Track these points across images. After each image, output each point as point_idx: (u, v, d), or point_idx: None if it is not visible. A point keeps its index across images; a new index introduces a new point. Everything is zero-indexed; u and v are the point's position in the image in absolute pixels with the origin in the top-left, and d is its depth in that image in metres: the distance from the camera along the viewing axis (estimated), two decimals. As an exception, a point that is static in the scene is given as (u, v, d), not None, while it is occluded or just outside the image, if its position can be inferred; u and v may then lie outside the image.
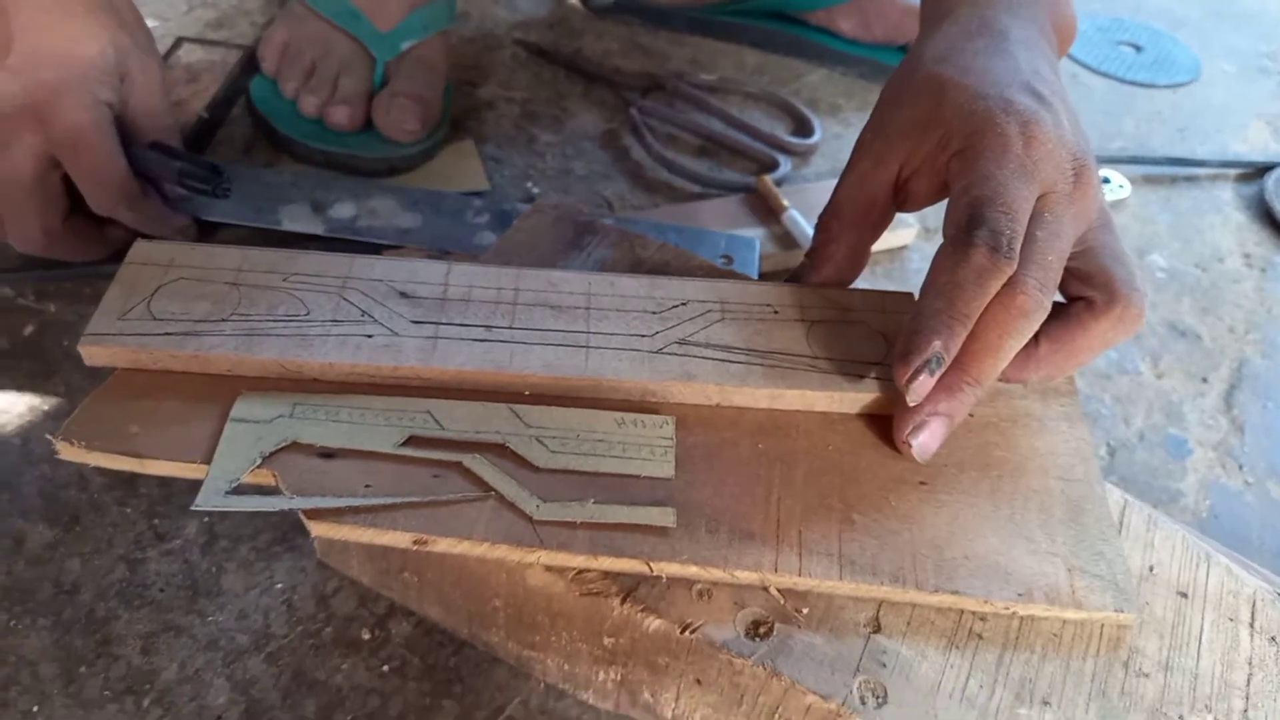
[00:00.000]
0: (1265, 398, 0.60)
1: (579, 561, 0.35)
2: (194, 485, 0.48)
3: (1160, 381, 0.60)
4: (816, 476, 0.38)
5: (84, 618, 0.43)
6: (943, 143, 0.39)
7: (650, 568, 0.35)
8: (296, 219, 0.59)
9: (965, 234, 0.36)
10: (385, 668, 0.42)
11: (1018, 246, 0.36)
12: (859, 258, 0.44)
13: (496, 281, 0.43)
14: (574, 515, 0.35)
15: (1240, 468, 0.55)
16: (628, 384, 0.39)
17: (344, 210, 0.61)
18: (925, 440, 0.38)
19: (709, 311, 0.42)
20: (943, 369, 0.36)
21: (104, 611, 0.43)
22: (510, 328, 0.41)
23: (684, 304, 0.42)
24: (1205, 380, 0.61)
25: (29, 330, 0.55)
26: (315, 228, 0.59)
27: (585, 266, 0.47)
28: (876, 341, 0.42)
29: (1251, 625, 0.37)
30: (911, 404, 0.37)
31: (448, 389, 0.39)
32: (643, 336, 0.41)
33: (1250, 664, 0.36)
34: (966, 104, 0.39)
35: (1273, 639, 0.36)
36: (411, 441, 0.37)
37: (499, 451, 0.37)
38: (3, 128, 0.49)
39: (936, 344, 0.36)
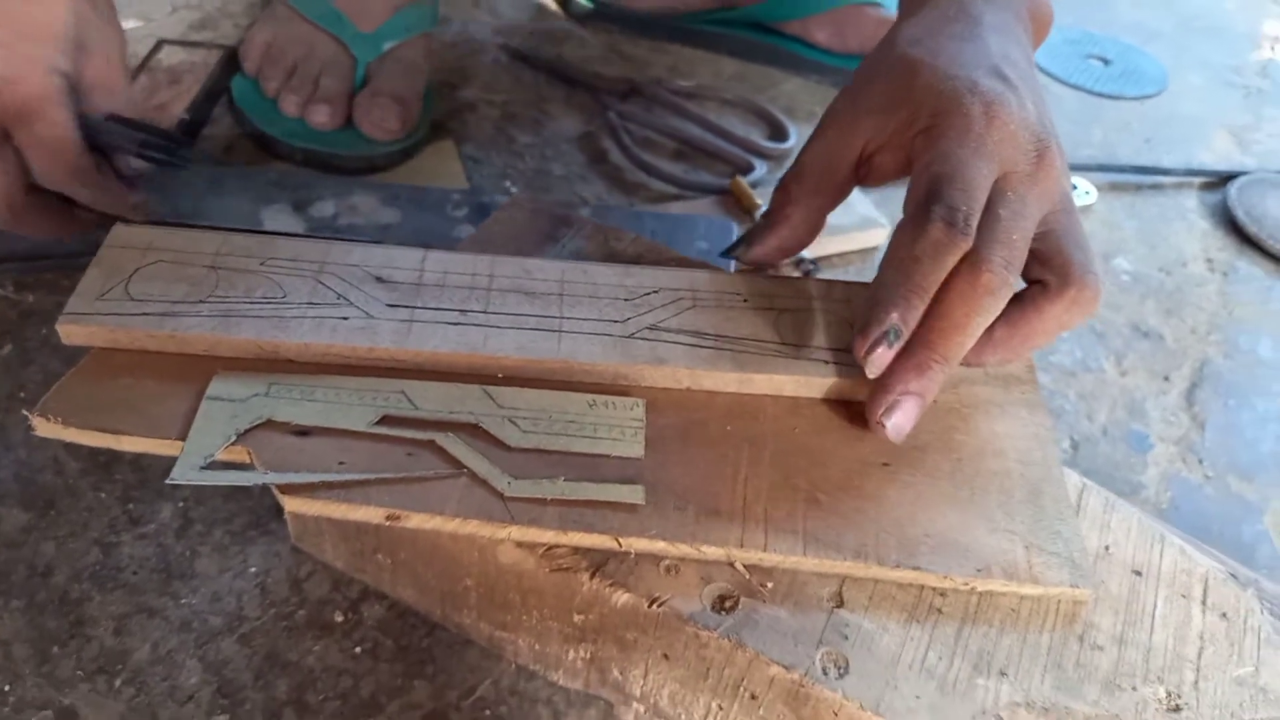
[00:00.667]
0: (1226, 396, 0.61)
1: (549, 537, 0.36)
2: (169, 470, 0.48)
3: (1124, 379, 0.62)
4: (783, 458, 0.39)
5: (57, 600, 0.43)
6: (909, 120, 0.40)
7: (619, 543, 0.36)
8: (277, 219, 0.60)
9: (923, 210, 0.37)
10: (358, 649, 0.43)
11: (974, 223, 0.37)
12: (815, 224, 0.45)
13: (472, 268, 0.43)
14: (545, 492, 0.36)
15: (1200, 462, 0.57)
16: (600, 367, 0.40)
17: (324, 209, 0.61)
18: (899, 420, 0.38)
19: (680, 299, 0.43)
20: (901, 341, 0.37)
21: (77, 593, 0.43)
22: (485, 312, 0.41)
23: (656, 291, 0.43)
24: (1167, 379, 0.62)
25: (7, 319, 0.55)
26: (296, 227, 0.60)
27: (560, 258, 0.48)
28: (843, 330, 0.43)
29: (1204, 603, 0.38)
30: (871, 376, 0.38)
31: (422, 371, 0.40)
32: (615, 322, 0.42)
33: (1202, 638, 0.37)
34: (934, 84, 0.40)
35: (1224, 615, 0.37)
36: (385, 420, 0.38)
37: (472, 431, 0.38)
38: None
39: (894, 316, 0.37)
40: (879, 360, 0.37)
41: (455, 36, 0.84)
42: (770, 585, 0.36)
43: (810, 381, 0.41)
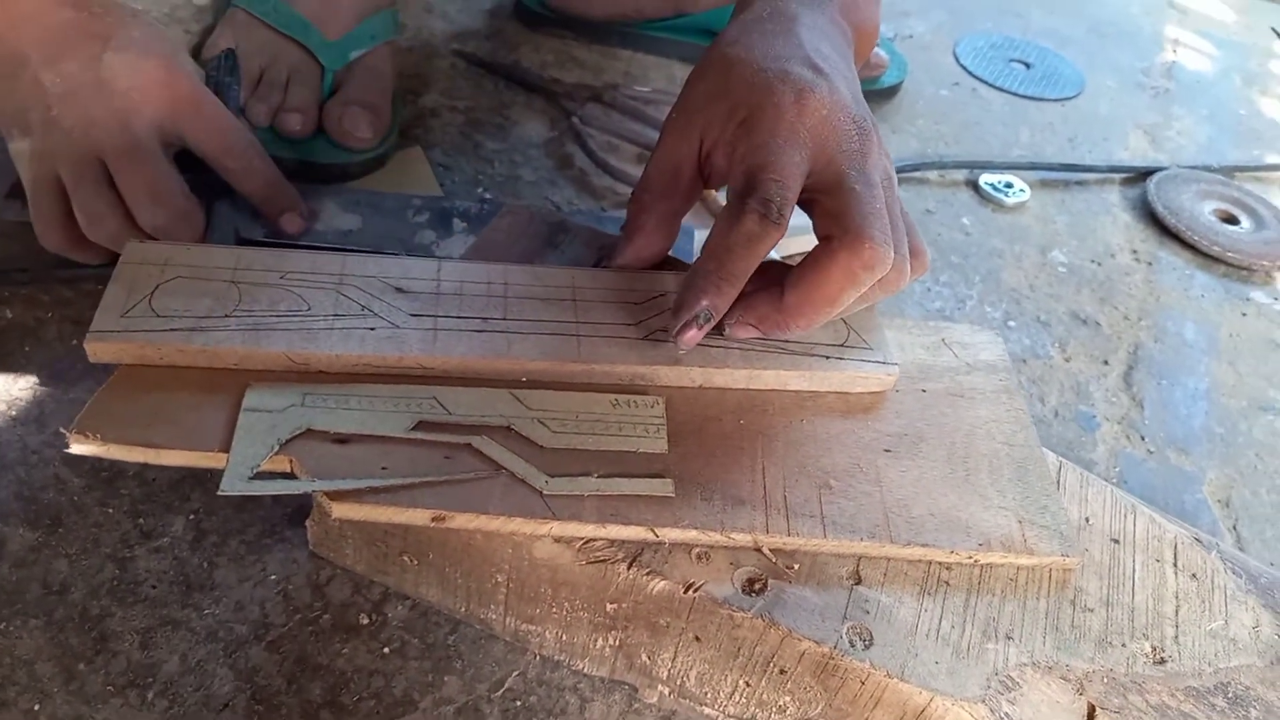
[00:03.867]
0: (1159, 376, 0.67)
1: (589, 531, 0.38)
2: (176, 483, 0.49)
3: (1068, 364, 0.66)
4: (794, 447, 0.42)
5: (77, 616, 0.43)
6: (729, 114, 0.43)
7: (655, 533, 0.38)
8: (238, 225, 0.59)
9: (739, 200, 0.40)
10: (386, 649, 0.44)
11: (788, 213, 0.40)
12: (669, 228, 0.47)
13: (486, 276, 0.45)
14: (581, 488, 0.38)
15: (1143, 438, 0.62)
16: (619, 369, 0.42)
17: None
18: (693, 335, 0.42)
19: (686, 301, 0.45)
20: (711, 324, 0.41)
21: (97, 609, 0.43)
22: (504, 319, 0.43)
23: (663, 295, 0.45)
24: (1106, 362, 0.67)
25: (-14, 337, 0.54)
26: (254, 233, 0.59)
27: (561, 263, 0.50)
28: (839, 328, 0.46)
29: (1175, 565, 0.42)
30: (681, 352, 0.42)
31: (450, 377, 0.41)
32: (628, 325, 0.44)
33: (1177, 598, 0.41)
34: (748, 77, 0.43)
35: (1193, 576, 0.42)
36: (421, 426, 0.39)
37: (505, 433, 0.40)
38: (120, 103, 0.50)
39: (704, 302, 0.40)
40: (689, 340, 0.41)
41: (410, 41, 0.85)
42: (795, 567, 0.39)
43: (813, 375, 0.44)
